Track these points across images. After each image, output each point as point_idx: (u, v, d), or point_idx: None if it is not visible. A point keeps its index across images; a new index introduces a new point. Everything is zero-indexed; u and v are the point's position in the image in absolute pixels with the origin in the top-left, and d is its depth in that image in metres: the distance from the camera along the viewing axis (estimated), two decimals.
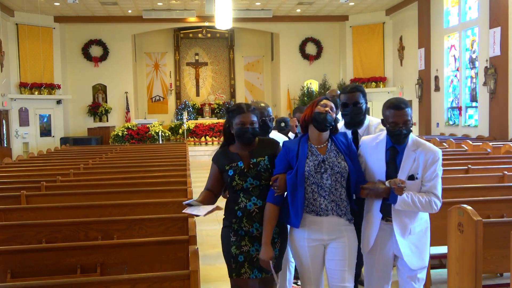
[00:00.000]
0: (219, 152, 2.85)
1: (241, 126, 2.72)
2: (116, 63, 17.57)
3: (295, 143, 2.69)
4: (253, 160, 2.74)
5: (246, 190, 2.70)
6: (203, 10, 15.48)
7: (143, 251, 3.04)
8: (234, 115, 2.75)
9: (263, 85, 20.25)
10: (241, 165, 2.72)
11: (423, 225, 2.74)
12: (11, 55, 15.32)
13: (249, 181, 2.69)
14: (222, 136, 2.93)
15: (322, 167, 2.59)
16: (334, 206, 2.59)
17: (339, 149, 2.65)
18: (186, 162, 7.86)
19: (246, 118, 2.73)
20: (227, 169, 2.74)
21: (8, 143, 14.99)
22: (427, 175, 2.64)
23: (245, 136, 2.73)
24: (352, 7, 16.50)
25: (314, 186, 2.59)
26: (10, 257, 2.91)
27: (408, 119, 2.63)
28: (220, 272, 4.81)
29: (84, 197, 4.83)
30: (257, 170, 2.71)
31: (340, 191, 2.61)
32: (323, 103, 2.65)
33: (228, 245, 2.73)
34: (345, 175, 2.61)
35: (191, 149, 14.87)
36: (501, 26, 10.51)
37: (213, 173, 2.83)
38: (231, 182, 2.70)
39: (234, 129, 2.76)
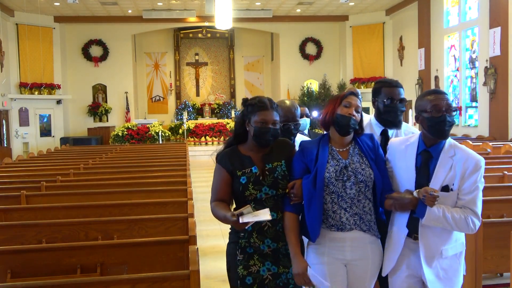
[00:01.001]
0: (226, 153, 2.41)
1: (261, 125, 2.31)
2: (116, 63, 17.57)
3: (314, 144, 2.36)
4: (268, 165, 2.35)
5: (259, 200, 2.30)
6: (203, 10, 15.48)
7: (143, 251, 3.04)
8: (254, 111, 2.34)
9: (263, 85, 20.25)
10: (255, 171, 2.32)
11: (458, 248, 2.30)
12: (11, 55, 15.31)
13: (265, 190, 2.30)
14: (232, 134, 2.51)
15: (344, 174, 2.25)
16: (357, 219, 2.24)
17: (364, 154, 2.32)
18: (186, 162, 7.86)
19: (268, 116, 2.32)
20: (239, 175, 2.32)
21: (8, 143, 14.98)
22: (465, 187, 2.20)
23: (265, 137, 2.32)
24: (352, 7, 16.50)
25: (334, 196, 2.25)
26: (10, 257, 2.91)
27: (451, 105, 2.23)
28: (220, 272, 4.82)
29: (84, 197, 4.83)
30: (274, 177, 2.32)
31: (364, 203, 2.26)
32: (347, 101, 2.29)
33: (234, 264, 2.34)
34: (370, 184, 2.26)
35: (191, 149, 14.87)
36: (501, 26, 10.51)
37: (222, 178, 2.36)
38: (243, 192, 2.29)
39: (251, 127, 2.34)
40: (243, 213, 2.08)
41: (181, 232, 3.56)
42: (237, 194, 2.35)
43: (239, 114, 2.47)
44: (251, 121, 2.35)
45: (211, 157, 2.61)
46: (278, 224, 2.32)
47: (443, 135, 2.25)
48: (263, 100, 2.37)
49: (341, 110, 2.28)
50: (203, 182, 10.88)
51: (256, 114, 2.33)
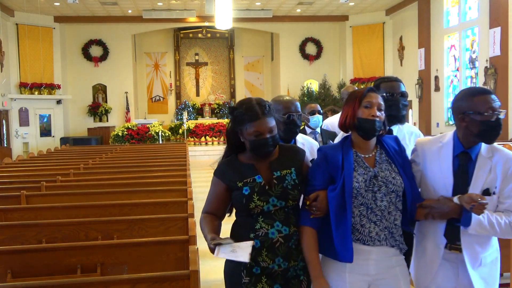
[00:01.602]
0: (224, 163, 2.16)
1: (256, 138, 2.03)
2: (116, 63, 17.56)
3: (337, 150, 2.09)
4: (276, 174, 2.07)
5: (267, 213, 2.03)
6: (203, 10, 15.47)
7: (143, 251, 3.04)
8: (243, 121, 2.05)
9: (263, 85, 20.25)
10: (259, 181, 2.06)
11: (494, 254, 2.17)
12: (11, 55, 15.31)
13: (272, 201, 2.03)
14: (226, 143, 2.22)
15: (374, 185, 2.01)
16: (387, 234, 2.02)
17: (392, 159, 2.08)
18: (186, 162, 7.86)
19: (262, 126, 2.03)
20: (239, 186, 2.05)
21: (8, 143, 14.98)
22: (507, 190, 2.05)
23: (263, 149, 2.06)
24: (352, 7, 16.50)
25: (362, 209, 2.01)
26: (10, 257, 2.91)
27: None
28: (220, 272, 4.82)
29: (84, 197, 4.83)
30: (283, 187, 2.05)
31: (395, 215, 2.03)
32: (368, 101, 2.04)
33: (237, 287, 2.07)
34: (400, 194, 2.04)
35: (191, 149, 14.87)
36: (501, 26, 10.51)
37: (216, 192, 2.14)
38: (247, 204, 2.02)
39: (246, 140, 2.08)
40: (221, 244, 1.88)
41: (181, 232, 3.56)
42: (241, 207, 2.06)
43: (230, 124, 2.16)
44: (244, 133, 2.07)
45: (211, 166, 2.48)
46: (290, 239, 2.03)
47: (493, 139, 2.10)
48: (253, 107, 2.04)
49: (363, 112, 2.02)
50: (203, 182, 10.88)
51: (248, 126, 2.04)
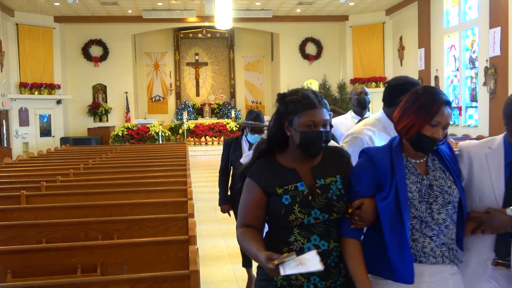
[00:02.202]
0: (262, 163, 1.86)
1: (310, 129, 1.78)
2: (116, 63, 17.56)
3: (385, 153, 1.86)
4: (320, 182, 1.81)
5: (305, 226, 1.78)
6: (203, 10, 15.47)
7: (143, 251, 3.04)
8: (297, 110, 1.80)
9: (263, 85, 20.25)
10: (302, 189, 1.79)
11: None
12: (11, 55, 15.31)
13: (315, 214, 1.77)
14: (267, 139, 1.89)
15: (430, 195, 1.80)
16: (444, 250, 1.80)
17: (447, 167, 1.87)
18: (186, 162, 7.86)
19: (318, 116, 1.79)
20: (279, 194, 1.78)
21: (8, 143, 14.98)
22: None
23: (316, 144, 1.79)
24: (352, 7, 16.50)
25: (416, 222, 1.79)
26: (10, 257, 2.91)
27: None
28: (220, 272, 4.82)
29: (84, 197, 4.83)
30: (327, 198, 1.79)
31: (452, 229, 1.83)
32: (437, 120, 1.78)
33: None
34: (456, 205, 1.84)
35: (191, 149, 14.87)
36: (501, 26, 10.51)
37: (253, 198, 1.82)
38: (286, 215, 1.76)
39: (294, 132, 1.80)
40: (284, 262, 1.56)
41: (181, 232, 3.56)
42: (277, 217, 1.79)
43: (274, 115, 1.88)
44: (294, 124, 1.80)
45: (211, 158, 2.30)
46: (329, 256, 1.78)
47: None
48: (309, 95, 1.82)
49: (428, 130, 1.78)
50: (203, 182, 10.88)
51: (301, 115, 1.79)
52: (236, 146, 4.12)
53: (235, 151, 4.10)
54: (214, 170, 12.47)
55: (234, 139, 4.20)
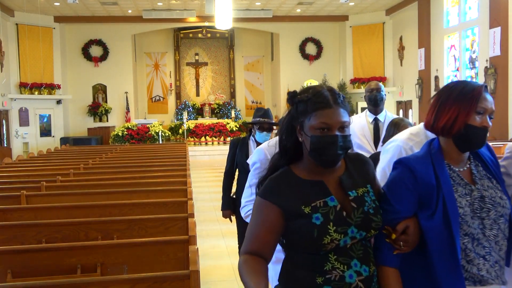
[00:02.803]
0: (277, 178, 1.56)
1: (322, 133, 1.50)
2: (116, 63, 17.56)
3: (426, 162, 1.57)
4: (352, 194, 1.54)
5: (342, 249, 1.49)
6: (203, 10, 15.47)
7: (143, 251, 3.04)
8: (308, 111, 1.52)
9: (263, 85, 20.25)
10: (333, 204, 1.51)
11: None
12: (11, 55, 15.31)
13: (351, 233, 1.49)
14: (279, 147, 1.62)
15: (482, 209, 1.55)
16: (497, 270, 1.56)
17: (491, 173, 1.64)
18: (186, 162, 7.86)
19: (332, 118, 1.50)
20: (306, 213, 1.48)
21: (8, 143, 14.98)
22: None
23: (329, 151, 1.49)
24: (352, 7, 16.50)
25: (467, 241, 1.53)
26: (10, 257, 2.91)
27: None
28: (220, 272, 4.82)
29: (84, 197, 4.83)
30: (364, 212, 1.51)
31: (502, 245, 1.59)
32: (482, 107, 1.55)
33: None
34: (507, 218, 1.59)
35: (191, 149, 14.87)
36: (501, 26, 10.51)
37: (266, 221, 1.51)
38: (320, 238, 1.46)
39: (305, 136, 1.53)
40: None
41: (181, 232, 3.56)
42: (307, 242, 1.48)
43: (285, 118, 1.61)
44: (305, 127, 1.52)
45: (211, 158, 2.09)
46: (370, 283, 1.51)
47: None
48: (322, 92, 1.53)
49: (474, 119, 1.54)
50: (203, 182, 10.89)
51: (313, 116, 1.51)
52: (243, 147, 3.98)
53: (242, 151, 3.96)
54: (214, 170, 12.52)
55: (241, 139, 4.06)
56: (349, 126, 1.54)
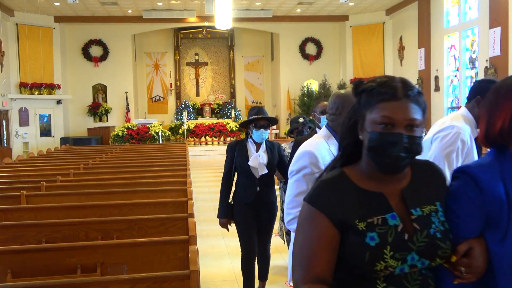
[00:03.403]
0: (326, 185, 1.30)
1: (383, 129, 1.25)
2: (116, 63, 17.57)
3: (493, 172, 1.27)
4: (415, 212, 1.26)
5: (396, 278, 1.23)
6: (203, 10, 15.47)
7: (143, 251, 3.04)
8: (371, 102, 1.29)
9: (263, 85, 20.25)
10: (395, 223, 1.24)
11: None
12: (11, 55, 15.31)
13: (411, 260, 1.23)
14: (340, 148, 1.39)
15: None
16: None
17: None
18: (186, 162, 7.86)
19: (399, 112, 1.25)
20: (360, 230, 1.23)
21: (8, 143, 14.98)
22: None
23: (390, 153, 1.23)
24: (352, 7, 16.50)
25: None
26: (10, 257, 2.91)
27: None
28: (220, 272, 4.82)
29: (84, 197, 4.83)
30: (429, 236, 1.24)
31: None
32: None
33: None
34: None
35: (191, 149, 14.87)
36: (501, 26, 10.51)
37: (322, 235, 1.25)
38: (372, 263, 1.21)
39: (365, 134, 1.29)
40: None
41: (181, 232, 3.56)
42: (355, 265, 1.23)
43: (349, 111, 1.39)
44: (366, 121, 1.29)
45: (211, 158, 1.83)
46: None
47: None
48: (390, 82, 1.29)
49: None
50: (203, 182, 10.89)
51: (375, 109, 1.26)
52: (242, 149, 3.83)
53: (241, 154, 3.81)
54: (214, 170, 12.52)
55: (239, 142, 3.90)
56: (421, 126, 1.27)
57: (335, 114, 2.23)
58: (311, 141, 2.25)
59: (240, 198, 3.85)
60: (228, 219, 3.90)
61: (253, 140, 3.82)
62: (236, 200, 3.90)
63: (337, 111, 2.21)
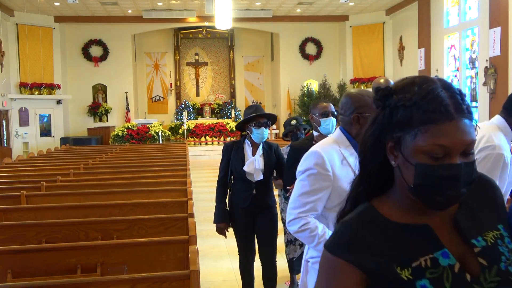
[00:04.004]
0: (351, 225, 1.01)
1: (436, 161, 0.94)
2: (116, 63, 17.57)
3: None
4: (478, 243, 0.98)
5: None
6: (203, 10, 15.48)
7: (143, 251, 3.04)
8: (414, 121, 0.96)
9: (263, 85, 20.25)
10: (449, 262, 0.95)
11: None
12: (11, 55, 15.31)
13: None
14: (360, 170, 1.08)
15: None
16: None
17: None
18: (186, 162, 7.86)
19: (457, 136, 0.94)
20: (406, 280, 0.93)
21: (8, 143, 14.98)
22: None
23: (446, 191, 0.94)
24: (352, 7, 16.50)
25: None
26: (10, 257, 2.91)
27: None
28: (220, 272, 4.82)
29: (84, 197, 4.83)
30: (501, 272, 0.95)
31: None
32: None
33: None
34: None
35: (191, 149, 14.88)
36: (501, 26, 10.51)
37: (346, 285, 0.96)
38: None
39: (404, 163, 0.98)
40: None
41: (181, 232, 3.56)
42: None
43: (369, 126, 1.05)
44: (405, 146, 0.97)
45: (211, 158, 1.69)
46: None
47: None
48: (437, 93, 0.96)
49: None
50: (203, 182, 10.89)
51: (421, 132, 0.95)
52: (238, 151, 3.62)
53: (237, 157, 3.61)
54: (214, 170, 12.49)
55: (236, 143, 3.69)
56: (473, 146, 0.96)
57: (343, 114, 2.16)
58: (322, 142, 2.18)
59: (236, 202, 3.67)
60: (225, 224, 3.69)
61: (251, 141, 3.63)
62: (233, 204, 3.71)
63: (348, 112, 2.14)
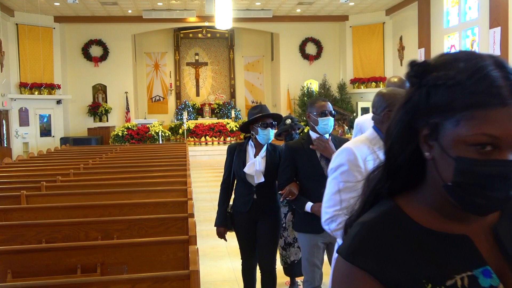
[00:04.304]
0: (372, 229, 0.81)
1: (482, 156, 0.74)
2: (116, 63, 17.57)
3: None
4: None
5: None
6: (203, 10, 15.48)
7: (143, 251, 3.04)
8: (456, 105, 0.75)
9: (263, 85, 20.25)
10: (491, 283, 0.77)
11: None
12: (11, 55, 15.31)
13: None
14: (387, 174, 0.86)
15: None
16: None
17: None
18: (186, 162, 7.86)
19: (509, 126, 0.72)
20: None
21: (8, 143, 14.98)
22: None
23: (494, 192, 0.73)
24: (352, 7, 16.50)
25: None
26: (10, 257, 2.91)
27: None
28: (220, 272, 4.82)
29: (84, 197, 4.83)
30: None
31: None
32: None
33: None
34: None
35: (191, 149, 14.88)
36: (501, 26, 10.51)
37: None
38: None
39: (442, 155, 0.78)
40: None
41: (181, 232, 3.56)
42: None
43: (397, 110, 0.84)
44: (443, 135, 0.77)
45: (211, 158, 1.54)
46: None
47: None
48: (488, 72, 0.74)
49: None
50: (203, 182, 10.89)
51: (465, 118, 0.75)
52: (240, 153, 3.53)
53: (239, 159, 3.52)
54: (214, 170, 12.52)
55: (239, 145, 3.61)
56: None
57: (375, 112, 2.12)
58: (354, 140, 2.13)
59: (238, 206, 3.57)
60: (225, 228, 3.60)
61: (255, 143, 3.51)
62: (234, 208, 3.61)
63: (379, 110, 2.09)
